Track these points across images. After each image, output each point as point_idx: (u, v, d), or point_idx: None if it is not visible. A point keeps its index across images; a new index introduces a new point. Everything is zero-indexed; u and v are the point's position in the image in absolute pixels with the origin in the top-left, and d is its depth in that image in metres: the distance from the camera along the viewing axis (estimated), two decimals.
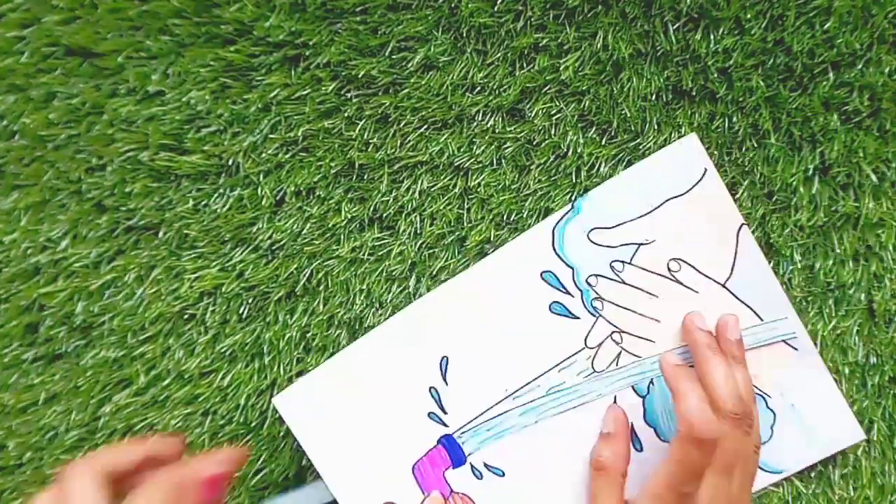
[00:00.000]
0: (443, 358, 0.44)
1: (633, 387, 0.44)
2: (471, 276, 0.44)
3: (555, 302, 0.44)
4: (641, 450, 0.45)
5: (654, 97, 0.44)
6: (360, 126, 0.44)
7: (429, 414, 0.44)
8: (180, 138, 0.43)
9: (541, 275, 0.44)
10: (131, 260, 0.44)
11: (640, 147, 0.44)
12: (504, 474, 0.44)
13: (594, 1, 0.43)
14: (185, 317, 0.44)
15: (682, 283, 0.44)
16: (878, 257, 0.46)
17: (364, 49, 0.43)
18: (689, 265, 0.44)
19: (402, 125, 0.44)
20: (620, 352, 0.44)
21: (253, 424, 0.45)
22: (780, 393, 0.45)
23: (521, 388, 0.44)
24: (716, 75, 0.43)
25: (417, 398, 0.44)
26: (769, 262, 0.45)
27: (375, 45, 0.43)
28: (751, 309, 0.44)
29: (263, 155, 0.44)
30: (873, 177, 0.44)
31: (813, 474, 0.46)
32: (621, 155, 0.45)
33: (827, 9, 0.43)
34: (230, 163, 0.44)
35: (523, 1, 0.43)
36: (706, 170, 0.43)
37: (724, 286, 0.44)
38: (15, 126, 0.43)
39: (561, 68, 0.43)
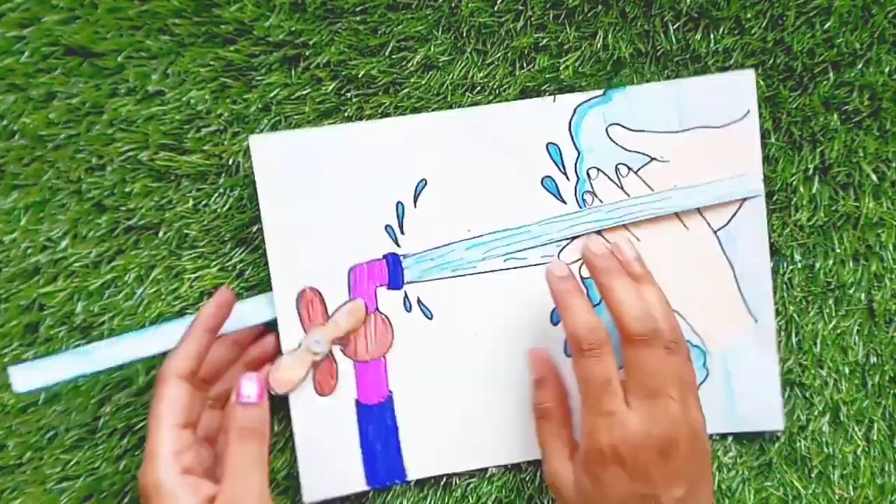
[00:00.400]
0: (422, 180, 0.43)
1: (586, 290, 0.43)
2: (482, 113, 0.43)
3: (548, 177, 0.43)
4: (570, 356, 0.42)
5: None
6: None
7: (386, 227, 0.43)
8: (180, 138, 0.43)
9: (546, 145, 0.43)
10: (131, 260, 0.44)
11: None
12: (432, 317, 0.44)
13: (594, 0, 0.43)
14: (185, 316, 0.44)
15: (676, 213, 0.43)
16: (878, 257, 0.46)
17: (364, 49, 0.43)
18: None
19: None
20: None
21: None
22: (721, 356, 0.44)
23: (483, 235, 0.43)
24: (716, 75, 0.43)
25: (382, 207, 0.43)
26: (770, 262, 0.45)
27: (375, 44, 0.43)
28: (731, 268, 0.44)
29: None
30: (873, 176, 0.44)
31: (813, 474, 0.46)
32: None
33: (827, 8, 0.43)
34: (230, 162, 0.44)
35: (523, 0, 0.43)
36: (748, 112, 0.42)
37: (714, 233, 0.44)
38: (15, 126, 0.43)
39: (561, 68, 0.43)
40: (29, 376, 0.40)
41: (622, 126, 0.43)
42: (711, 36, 0.43)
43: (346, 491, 0.44)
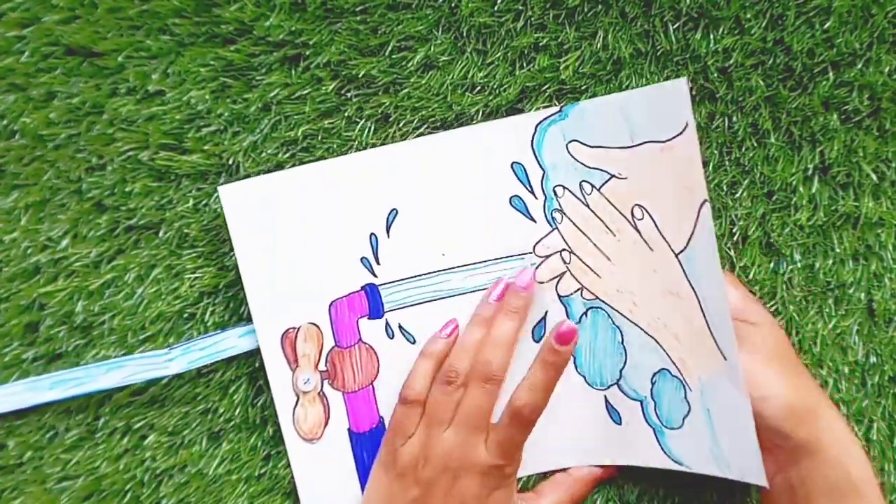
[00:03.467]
0: (392, 210, 0.43)
1: (565, 308, 0.43)
2: (446, 138, 0.43)
3: (516, 196, 0.43)
4: None
5: None
6: (360, 126, 0.44)
7: (362, 259, 0.43)
8: (180, 138, 0.43)
9: (511, 164, 0.43)
10: (131, 259, 0.44)
11: None
12: (415, 342, 0.44)
13: (594, 0, 0.43)
14: (185, 316, 0.44)
15: (640, 234, 0.41)
16: (878, 257, 0.46)
17: (364, 49, 0.43)
18: (651, 219, 0.41)
19: (402, 125, 0.44)
20: (565, 272, 0.43)
21: (255, 422, 0.45)
22: (700, 391, 0.41)
23: (459, 267, 0.44)
24: (716, 75, 0.43)
25: (356, 239, 0.43)
26: (769, 262, 0.45)
27: (375, 44, 0.43)
28: (695, 294, 0.41)
29: (263, 154, 0.44)
30: (873, 176, 0.44)
31: None
32: None
33: (827, 8, 0.43)
34: (230, 162, 0.44)
35: (523, 0, 0.43)
36: (687, 125, 0.40)
37: (676, 256, 0.41)
38: (15, 125, 0.43)
39: (561, 68, 0.43)
40: None
41: (580, 142, 0.42)
42: (711, 36, 0.43)
43: None
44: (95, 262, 0.44)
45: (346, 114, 0.44)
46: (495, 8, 0.43)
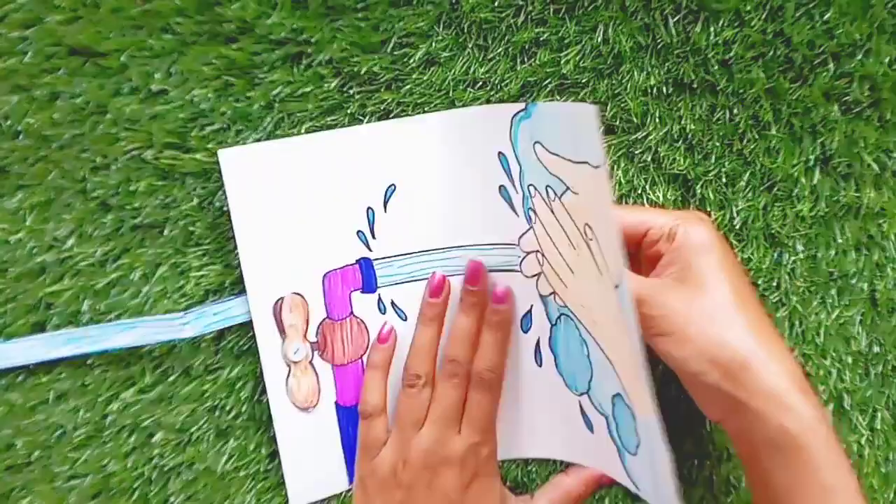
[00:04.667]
0: (391, 185, 0.43)
1: (544, 307, 0.43)
2: (445, 118, 0.43)
3: (503, 186, 0.43)
4: (541, 366, 0.44)
5: (654, 90, 0.44)
6: (363, 123, 0.44)
7: (357, 232, 0.43)
8: (184, 136, 0.43)
9: (498, 153, 0.42)
10: (137, 258, 0.44)
11: (642, 140, 0.45)
12: (406, 318, 0.44)
13: None
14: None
15: (592, 254, 0.37)
16: (880, 247, 0.46)
17: (366, 46, 0.43)
18: (598, 242, 0.36)
19: None
20: (541, 273, 0.42)
21: (262, 419, 0.45)
22: (645, 426, 0.37)
23: (452, 247, 0.44)
24: (716, 67, 0.44)
25: (352, 212, 0.43)
26: (772, 253, 0.45)
27: (377, 41, 0.43)
28: (637, 335, 0.34)
29: None
30: (874, 166, 0.45)
31: None
32: (622, 148, 0.45)
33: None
34: None
35: None
36: (600, 160, 0.33)
37: (615, 288, 0.35)
38: (19, 126, 0.43)
39: (562, 62, 0.44)
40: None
41: (542, 146, 0.38)
42: (711, 28, 0.43)
43: (330, 492, 0.45)
44: (101, 261, 0.44)
45: (348, 111, 0.44)
46: (496, 4, 0.43)
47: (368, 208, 0.43)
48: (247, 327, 0.44)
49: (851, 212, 0.45)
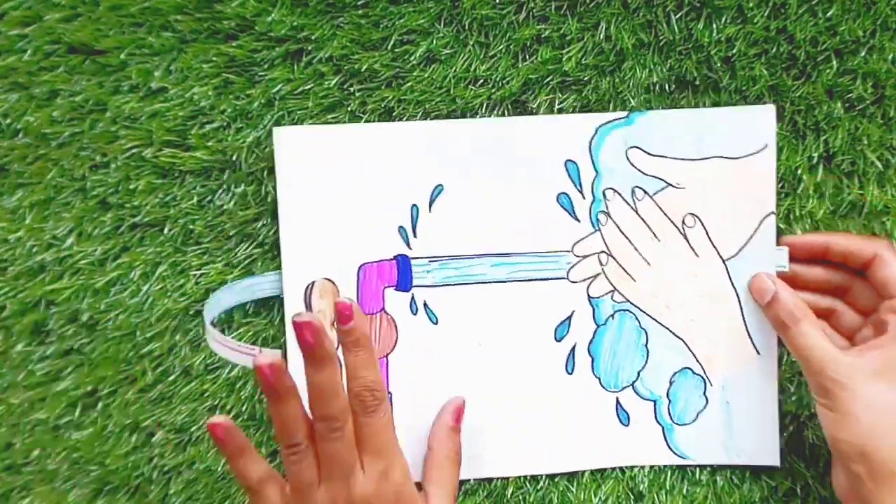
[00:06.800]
0: (438, 185, 0.43)
1: (592, 309, 0.44)
2: (504, 124, 0.43)
3: (564, 194, 0.44)
4: (572, 373, 0.44)
5: (657, 87, 0.44)
6: (363, 120, 0.44)
7: (399, 228, 0.43)
8: (184, 134, 0.43)
9: (565, 162, 0.43)
10: (136, 257, 0.44)
11: None
12: (437, 322, 0.44)
13: None
14: (191, 313, 0.44)
15: (687, 241, 0.44)
16: None
17: (366, 43, 0.43)
18: (703, 227, 0.44)
19: (405, 119, 0.44)
20: (599, 274, 0.44)
21: (262, 418, 0.45)
22: (721, 386, 0.44)
23: (495, 255, 0.44)
24: (719, 64, 0.43)
25: (397, 207, 0.43)
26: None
27: (377, 38, 0.43)
28: (737, 296, 0.44)
29: (267, 150, 0.44)
30: (878, 164, 0.44)
31: (821, 463, 0.46)
32: None
33: None
34: (234, 158, 0.44)
35: None
36: (766, 146, 0.43)
37: (724, 262, 0.44)
38: (18, 124, 0.43)
39: (563, 59, 0.43)
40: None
41: (641, 150, 0.43)
42: (714, 25, 0.43)
43: None
44: (101, 259, 0.44)
45: (349, 108, 0.44)
46: (497, 0, 0.43)
47: (413, 205, 0.43)
48: (247, 327, 0.44)
49: (855, 209, 0.45)
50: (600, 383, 0.45)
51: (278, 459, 0.45)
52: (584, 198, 0.44)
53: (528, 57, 0.44)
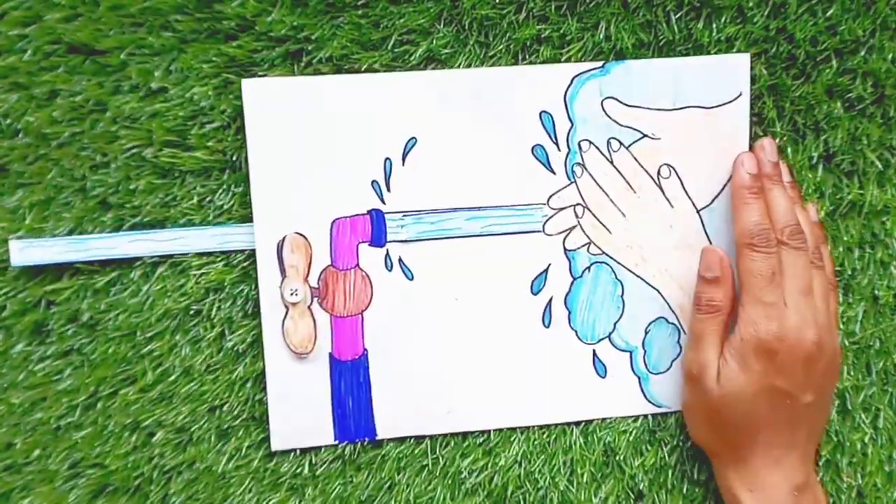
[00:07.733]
0: (412, 138, 0.43)
1: (569, 262, 0.44)
2: (478, 75, 0.43)
3: (539, 146, 0.43)
4: (549, 326, 0.45)
5: None
6: None
7: (372, 182, 0.43)
8: (184, 134, 0.43)
9: (540, 113, 0.43)
10: (137, 256, 0.44)
11: None
12: (412, 278, 0.44)
13: None
14: (192, 313, 0.44)
15: (663, 191, 0.44)
16: (884, 244, 0.46)
17: (366, 43, 0.43)
18: (678, 177, 0.44)
19: None
20: (575, 226, 0.44)
21: (262, 418, 0.45)
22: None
23: (469, 208, 0.44)
24: None
25: (370, 161, 0.43)
26: None
27: (377, 38, 0.43)
28: (710, 244, 0.44)
29: None
30: (878, 163, 0.44)
31: (821, 462, 0.46)
32: None
33: None
34: (234, 158, 0.44)
35: None
36: (741, 94, 0.43)
37: (697, 212, 0.44)
38: (18, 124, 0.43)
39: (563, 59, 0.43)
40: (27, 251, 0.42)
41: (617, 100, 0.43)
42: (713, 25, 0.43)
43: (314, 443, 0.44)
44: (101, 259, 0.44)
45: None
46: (497, 0, 0.43)
47: (386, 159, 0.43)
48: (247, 326, 0.44)
49: (855, 209, 0.45)
50: (577, 336, 0.45)
51: (262, 451, 0.45)
52: (559, 150, 0.43)
53: (528, 56, 0.44)
